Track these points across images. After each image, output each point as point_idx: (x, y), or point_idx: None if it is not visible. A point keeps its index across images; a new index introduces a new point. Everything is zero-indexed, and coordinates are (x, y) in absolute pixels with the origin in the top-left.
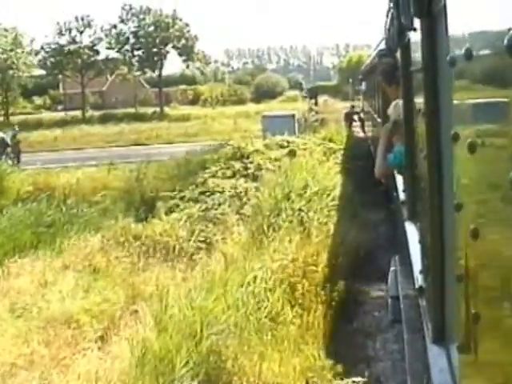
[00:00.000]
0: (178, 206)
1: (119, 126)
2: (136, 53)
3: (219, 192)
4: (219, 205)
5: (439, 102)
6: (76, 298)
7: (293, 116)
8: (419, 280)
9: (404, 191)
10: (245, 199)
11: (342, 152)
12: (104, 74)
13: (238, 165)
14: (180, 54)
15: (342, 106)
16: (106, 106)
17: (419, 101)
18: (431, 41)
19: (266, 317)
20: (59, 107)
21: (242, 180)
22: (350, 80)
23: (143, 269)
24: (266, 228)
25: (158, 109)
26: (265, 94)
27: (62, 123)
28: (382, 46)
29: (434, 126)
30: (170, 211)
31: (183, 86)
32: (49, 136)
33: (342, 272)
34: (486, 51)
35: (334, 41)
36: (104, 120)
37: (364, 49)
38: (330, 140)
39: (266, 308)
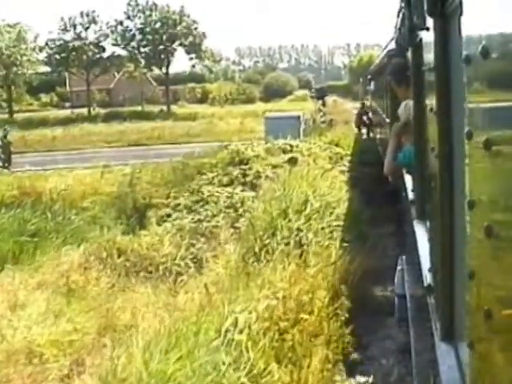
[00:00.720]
0: (169, 215)
1: (122, 125)
2: (142, 50)
3: (214, 202)
4: (213, 216)
5: (452, 101)
6: (44, 326)
7: (298, 117)
8: (428, 278)
9: (413, 191)
10: (241, 211)
11: (349, 158)
12: (110, 71)
13: (236, 171)
14: (187, 52)
15: (352, 107)
16: (113, 104)
17: (431, 100)
18: (444, 40)
19: (246, 375)
20: (67, 105)
21: (239, 188)
22: (361, 80)
23: (124, 289)
24: (258, 250)
25: (164, 107)
26: (274, 93)
27: (67, 121)
28: (391, 46)
29: (446, 125)
30: (162, 221)
31: (192, 84)
32: (48, 135)
33: (344, 312)
34: (502, 51)
35: (346, 40)
36: (109, 118)
37: (375, 48)
38: (337, 144)
39: (246, 364)
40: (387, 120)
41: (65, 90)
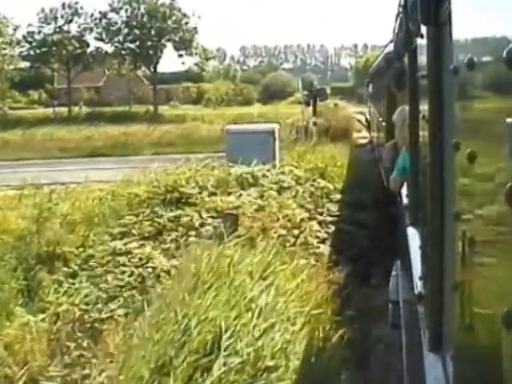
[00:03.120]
0: (61, 283)
1: (89, 130)
2: (128, 45)
3: (122, 267)
4: (110, 298)
5: (443, 110)
6: None
7: (271, 132)
8: (418, 286)
9: (407, 196)
10: (151, 292)
11: (338, 196)
12: (92, 67)
13: (166, 216)
14: (176, 48)
15: (355, 111)
16: (102, 103)
17: (424, 107)
18: (437, 48)
19: None
20: (56, 102)
21: (159, 250)
22: (365, 82)
23: None
24: None
25: (151, 108)
26: (274, 94)
27: (45, 121)
28: (389, 49)
29: (436, 134)
30: (55, 289)
31: (189, 84)
32: (6, 138)
33: None
34: (488, 61)
35: (353, 40)
36: (91, 119)
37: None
38: (323, 174)
39: None
40: (383, 124)
41: (54, 87)
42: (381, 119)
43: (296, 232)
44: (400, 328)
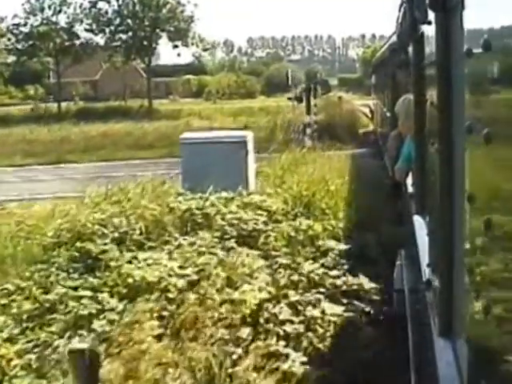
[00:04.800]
0: None
1: (69, 129)
2: (121, 37)
3: None
4: None
5: (453, 95)
6: None
7: (242, 142)
8: (427, 273)
9: (413, 185)
10: None
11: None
12: (83, 60)
13: (57, 291)
14: (170, 39)
15: (362, 104)
16: (98, 98)
17: (432, 94)
18: (446, 34)
19: None
20: (51, 97)
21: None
22: (370, 72)
23: None
24: None
25: (155, 101)
26: (277, 86)
27: (33, 119)
28: (393, 39)
29: (446, 119)
30: None
31: (190, 76)
32: None
33: None
34: (502, 43)
35: (361, 31)
36: (82, 116)
37: None
38: (309, 205)
39: None
40: (388, 114)
41: (50, 82)
42: (385, 109)
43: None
44: (405, 316)
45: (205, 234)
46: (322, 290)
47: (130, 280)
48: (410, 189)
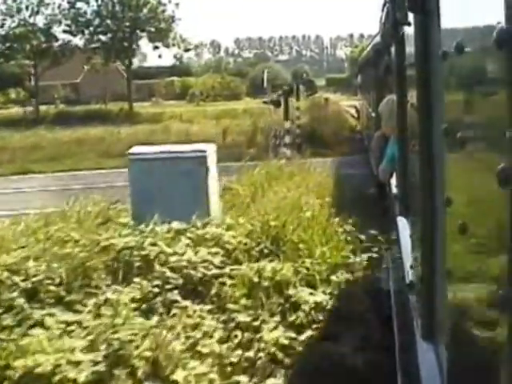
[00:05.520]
0: None
1: (43, 135)
2: (101, 38)
3: None
4: None
5: (431, 97)
6: None
7: (202, 158)
8: (410, 275)
9: (396, 186)
10: None
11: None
12: (61, 62)
13: None
14: (151, 40)
15: (349, 105)
16: (80, 101)
17: (412, 95)
18: (425, 35)
19: None
20: (34, 101)
21: None
22: (355, 72)
23: None
24: None
25: (136, 104)
26: (263, 87)
27: (8, 124)
28: (377, 40)
29: (425, 121)
30: None
31: (174, 78)
32: None
33: None
34: (477, 45)
35: (349, 31)
36: (59, 120)
37: None
38: (278, 238)
39: None
40: (373, 115)
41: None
42: (370, 110)
43: None
44: (391, 318)
45: (142, 282)
46: (288, 370)
47: (11, 372)
48: (394, 190)
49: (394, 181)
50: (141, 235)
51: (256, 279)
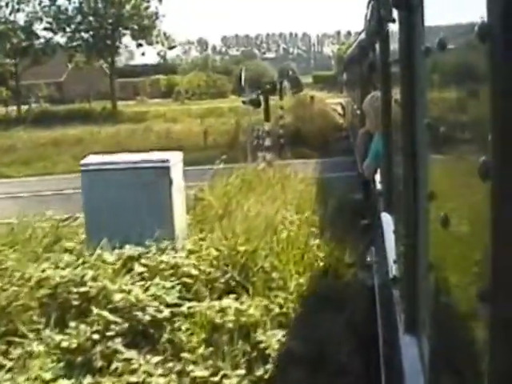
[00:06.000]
0: None
1: (17, 136)
2: (83, 36)
3: None
4: None
5: (414, 93)
6: None
7: (165, 169)
8: (393, 270)
9: (381, 182)
10: None
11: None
12: (43, 61)
13: None
14: (134, 37)
15: (336, 102)
16: (65, 100)
17: (396, 92)
18: (409, 32)
19: None
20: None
21: None
22: (340, 69)
23: None
24: None
25: (110, 104)
26: (249, 85)
27: None
28: (362, 37)
29: (409, 116)
30: None
31: (159, 76)
32: None
33: None
34: (459, 41)
35: (336, 28)
36: (41, 119)
37: None
38: (247, 266)
39: None
40: (358, 112)
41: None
42: (355, 107)
43: None
44: (376, 313)
45: (80, 326)
46: None
47: None
48: (378, 186)
49: (378, 177)
50: (83, 265)
51: (218, 320)
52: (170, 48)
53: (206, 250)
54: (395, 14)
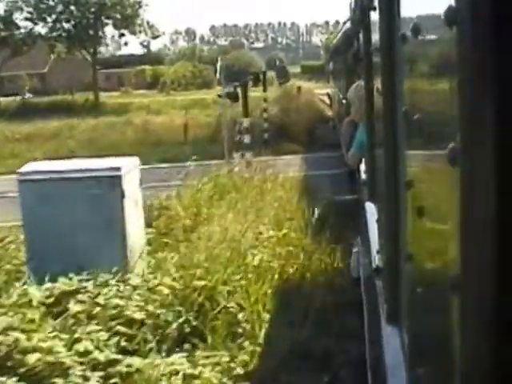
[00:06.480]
0: None
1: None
2: (64, 26)
3: None
4: None
5: (394, 81)
6: None
7: (116, 177)
8: (376, 260)
9: (365, 172)
10: None
11: None
12: (23, 52)
13: None
14: (116, 26)
15: (324, 93)
16: (48, 91)
17: (377, 80)
18: (388, 20)
19: None
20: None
21: None
22: (326, 59)
23: None
24: None
25: (105, 93)
26: (236, 75)
27: None
28: (348, 26)
29: (388, 105)
30: None
31: (145, 67)
32: None
33: None
34: (431, 28)
35: (325, 17)
36: (22, 112)
37: None
38: (206, 307)
39: None
40: (343, 101)
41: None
42: (341, 96)
43: None
44: (362, 303)
45: None
46: None
47: None
48: (363, 175)
49: (363, 166)
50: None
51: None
52: (154, 37)
53: (157, 287)
54: (376, 1)
